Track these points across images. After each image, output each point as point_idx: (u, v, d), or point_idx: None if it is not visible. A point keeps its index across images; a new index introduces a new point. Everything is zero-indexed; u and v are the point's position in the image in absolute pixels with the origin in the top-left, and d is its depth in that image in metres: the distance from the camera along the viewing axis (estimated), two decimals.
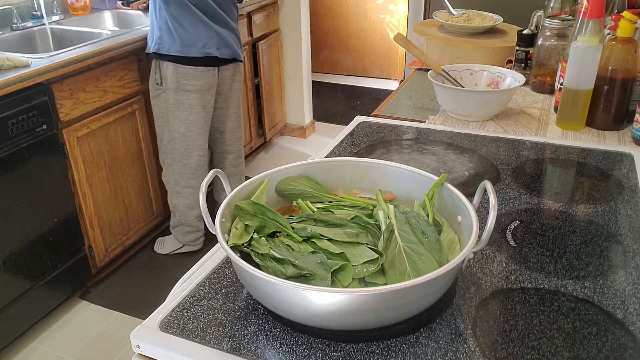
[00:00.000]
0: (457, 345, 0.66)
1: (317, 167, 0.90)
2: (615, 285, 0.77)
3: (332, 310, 0.63)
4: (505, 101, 1.37)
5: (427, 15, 2.50)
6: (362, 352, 0.65)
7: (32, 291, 1.98)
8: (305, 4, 3.44)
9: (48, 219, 2.00)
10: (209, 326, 0.70)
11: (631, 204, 0.98)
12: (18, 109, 1.81)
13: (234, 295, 0.76)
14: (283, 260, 0.70)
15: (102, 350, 2.01)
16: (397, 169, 0.88)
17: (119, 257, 2.43)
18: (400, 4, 4.71)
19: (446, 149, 1.19)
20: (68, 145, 2.02)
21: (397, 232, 0.73)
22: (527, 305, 0.73)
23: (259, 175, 0.85)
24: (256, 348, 0.67)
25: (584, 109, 1.29)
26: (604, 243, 0.87)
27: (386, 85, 4.87)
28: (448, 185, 0.80)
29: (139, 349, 0.70)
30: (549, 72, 1.50)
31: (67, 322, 2.14)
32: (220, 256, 0.84)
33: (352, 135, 1.27)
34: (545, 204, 0.99)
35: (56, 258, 2.06)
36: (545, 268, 0.80)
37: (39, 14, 2.47)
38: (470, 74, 1.45)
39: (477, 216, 0.71)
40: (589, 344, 0.66)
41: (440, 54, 1.74)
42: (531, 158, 1.16)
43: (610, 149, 1.19)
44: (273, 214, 0.78)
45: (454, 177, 1.07)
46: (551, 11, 1.54)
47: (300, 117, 3.75)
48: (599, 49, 1.22)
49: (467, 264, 0.80)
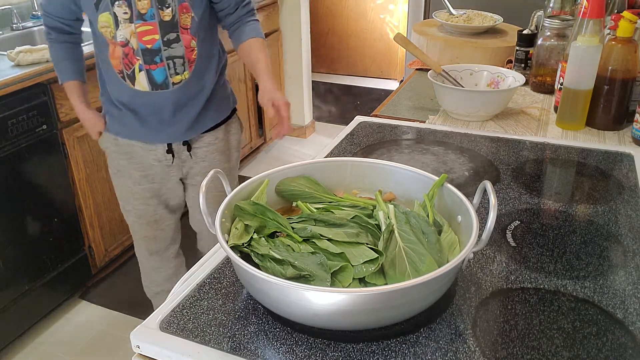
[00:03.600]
0: (457, 345, 0.66)
1: (317, 167, 0.90)
2: (615, 285, 0.77)
3: (332, 310, 0.63)
4: (505, 101, 1.37)
5: (427, 15, 2.50)
6: (362, 352, 0.65)
7: (32, 291, 1.98)
8: (305, 4, 3.44)
9: (48, 219, 2.00)
10: (209, 326, 0.70)
11: (631, 204, 0.98)
12: (18, 109, 1.81)
13: (234, 295, 0.76)
14: (282, 261, 0.70)
15: (102, 350, 2.01)
16: (397, 169, 0.88)
17: (119, 257, 2.43)
18: (400, 4, 4.71)
19: (446, 149, 1.19)
20: (68, 145, 2.02)
21: (397, 232, 0.73)
22: (527, 305, 0.73)
23: (259, 175, 0.85)
24: (256, 348, 0.67)
25: (584, 109, 1.29)
26: (604, 243, 0.87)
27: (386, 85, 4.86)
28: (448, 185, 0.80)
29: (139, 349, 0.70)
30: (548, 72, 1.50)
31: (67, 322, 2.14)
32: (220, 256, 0.84)
33: (352, 135, 1.27)
34: (545, 204, 0.99)
35: (56, 258, 2.06)
36: (545, 268, 0.80)
37: (39, 14, 2.47)
38: (470, 74, 1.45)
39: (477, 216, 0.71)
40: (589, 344, 0.66)
41: (440, 54, 1.74)
42: (531, 158, 1.16)
43: (610, 149, 1.19)
44: (273, 214, 0.78)
45: (454, 177, 1.07)
46: (551, 11, 1.54)
47: (300, 117, 3.75)
48: (598, 49, 1.22)
49: (467, 264, 0.80)
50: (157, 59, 1.36)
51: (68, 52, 1.49)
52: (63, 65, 1.49)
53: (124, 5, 1.31)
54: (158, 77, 1.39)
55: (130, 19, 1.32)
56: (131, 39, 1.34)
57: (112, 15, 1.31)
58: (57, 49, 1.48)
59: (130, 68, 1.37)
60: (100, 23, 1.34)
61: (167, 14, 1.33)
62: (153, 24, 1.33)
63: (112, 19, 1.32)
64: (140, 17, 1.32)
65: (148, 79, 1.38)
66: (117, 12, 1.31)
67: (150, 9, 1.31)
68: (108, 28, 1.34)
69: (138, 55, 1.35)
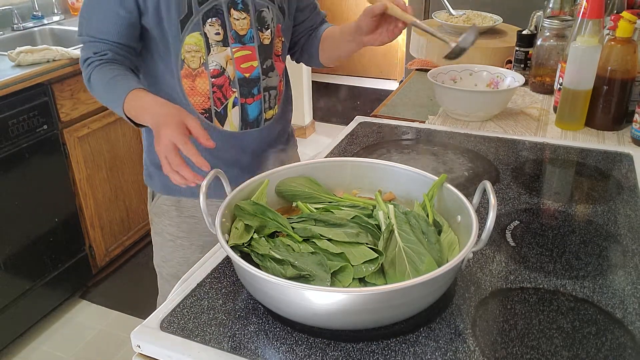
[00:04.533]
0: (456, 345, 0.66)
1: (317, 167, 0.90)
2: (615, 285, 0.77)
3: (332, 310, 0.63)
4: (504, 101, 1.37)
5: (427, 16, 2.50)
6: (362, 351, 0.66)
7: (32, 291, 1.98)
8: None
9: (49, 219, 2.00)
10: (209, 326, 0.70)
11: (630, 204, 0.98)
12: (19, 109, 1.81)
13: (234, 295, 0.76)
14: (282, 261, 0.70)
15: (102, 350, 2.01)
16: (397, 169, 0.88)
17: (120, 257, 2.43)
18: None
19: (446, 149, 1.19)
20: (68, 145, 2.02)
21: (397, 232, 0.73)
22: (526, 305, 0.73)
23: (259, 175, 0.85)
24: (256, 348, 0.67)
25: (584, 109, 1.29)
26: (603, 243, 0.87)
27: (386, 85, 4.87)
28: (448, 185, 0.80)
29: (139, 349, 0.70)
30: (548, 73, 1.51)
31: (67, 322, 2.14)
32: (220, 256, 0.84)
33: (352, 135, 1.28)
34: (544, 204, 0.99)
35: (56, 258, 2.06)
36: (545, 268, 0.80)
37: (40, 14, 2.48)
38: (470, 74, 1.45)
39: (477, 216, 0.72)
40: (588, 343, 0.66)
41: (440, 54, 1.74)
42: (530, 158, 1.16)
43: (609, 149, 1.19)
44: (273, 214, 0.78)
45: (454, 177, 1.07)
46: (550, 11, 1.55)
47: (300, 117, 3.75)
48: (598, 49, 1.23)
49: (467, 263, 0.80)
50: (255, 90, 1.10)
51: (124, 70, 1.02)
52: (121, 82, 0.99)
53: (217, 24, 1.04)
54: (252, 112, 1.12)
55: (225, 42, 1.05)
56: (227, 66, 1.06)
57: (203, 36, 1.04)
58: (107, 71, 1.01)
59: (223, 104, 1.08)
60: (187, 47, 1.03)
61: (266, 36, 1.09)
62: (252, 48, 1.08)
63: (203, 41, 1.04)
64: (239, 40, 1.06)
65: (241, 115, 1.11)
66: (209, 32, 1.04)
67: (250, 29, 1.07)
68: (198, 53, 1.04)
69: (234, 87, 1.08)
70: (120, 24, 1.00)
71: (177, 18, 1.01)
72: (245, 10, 1.06)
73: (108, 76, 0.99)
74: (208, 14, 1.02)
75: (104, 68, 1.01)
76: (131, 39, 1.04)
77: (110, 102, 1.00)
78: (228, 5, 1.04)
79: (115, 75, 0.99)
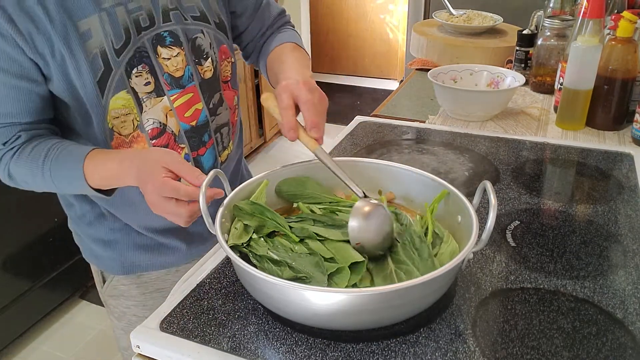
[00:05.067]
0: (457, 345, 0.66)
1: (317, 167, 0.89)
2: (615, 285, 0.77)
3: (332, 310, 0.63)
4: (505, 101, 1.37)
5: (427, 15, 2.50)
6: (362, 352, 0.65)
7: (32, 291, 1.98)
8: (305, 4, 3.44)
9: (48, 219, 2.00)
10: (209, 326, 0.70)
11: (631, 204, 0.98)
12: None
13: (234, 295, 0.76)
14: (280, 262, 0.70)
15: (102, 350, 2.01)
16: (397, 169, 0.88)
17: None
18: (400, 4, 4.71)
19: (446, 149, 1.19)
20: None
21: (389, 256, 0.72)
22: (526, 305, 0.73)
23: (259, 175, 0.85)
24: (256, 348, 0.67)
25: (584, 109, 1.29)
26: (604, 243, 0.87)
27: (386, 85, 4.87)
28: (448, 185, 0.80)
29: (139, 349, 0.70)
30: (548, 72, 1.50)
31: (67, 322, 2.14)
32: (220, 256, 0.84)
33: (352, 135, 1.27)
34: (545, 204, 0.99)
35: (56, 258, 2.06)
36: (545, 268, 0.80)
37: None
38: (470, 74, 1.45)
39: (477, 216, 0.71)
40: (588, 343, 0.66)
41: (440, 54, 1.74)
42: (531, 158, 1.16)
43: (610, 149, 1.19)
44: (272, 214, 0.78)
45: (454, 177, 1.07)
46: (551, 11, 1.54)
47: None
48: (598, 49, 1.22)
49: (467, 264, 0.80)
50: (205, 137, 0.94)
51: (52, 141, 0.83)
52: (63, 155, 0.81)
53: (145, 72, 0.84)
54: (207, 162, 0.96)
55: (158, 91, 0.86)
56: (168, 120, 0.88)
57: (132, 93, 0.84)
58: (34, 153, 0.82)
59: None
60: (113, 112, 0.83)
61: (207, 68, 0.91)
62: (192, 88, 0.89)
63: (133, 99, 0.84)
64: (175, 84, 0.87)
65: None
66: (137, 85, 0.84)
67: (187, 67, 0.88)
68: (129, 116, 0.84)
69: (182, 142, 0.91)
70: (25, 100, 0.79)
71: (92, 81, 0.80)
72: (175, 43, 0.86)
73: (38, 158, 0.80)
74: (131, 62, 0.82)
75: (23, 153, 0.81)
76: (47, 112, 0.84)
77: (59, 182, 0.82)
78: (153, 43, 0.84)
79: (48, 151, 0.80)
